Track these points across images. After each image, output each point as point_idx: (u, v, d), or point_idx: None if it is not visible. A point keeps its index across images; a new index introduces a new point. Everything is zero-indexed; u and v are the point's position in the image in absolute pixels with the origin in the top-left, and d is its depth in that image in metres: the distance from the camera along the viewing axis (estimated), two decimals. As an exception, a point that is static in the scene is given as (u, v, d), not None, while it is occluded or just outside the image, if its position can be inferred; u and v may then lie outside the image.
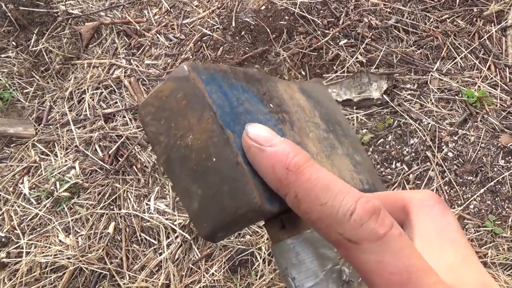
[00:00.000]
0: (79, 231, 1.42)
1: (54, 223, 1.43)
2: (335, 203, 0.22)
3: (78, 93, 1.72)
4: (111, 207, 1.46)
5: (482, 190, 1.40)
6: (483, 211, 1.38)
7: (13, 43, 1.85)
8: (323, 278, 0.23)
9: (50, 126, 1.66)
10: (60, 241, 1.39)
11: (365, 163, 0.38)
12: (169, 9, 1.91)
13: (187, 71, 0.25)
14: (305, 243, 0.25)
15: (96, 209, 1.45)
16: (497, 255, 1.29)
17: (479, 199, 1.40)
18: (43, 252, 1.37)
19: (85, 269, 1.34)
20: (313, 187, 0.23)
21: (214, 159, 0.24)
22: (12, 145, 1.64)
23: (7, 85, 1.76)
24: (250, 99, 0.28)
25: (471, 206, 1.39)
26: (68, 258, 1.35)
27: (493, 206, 1.38)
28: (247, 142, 0.24)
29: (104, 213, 1.44)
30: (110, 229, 1.40)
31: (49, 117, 1.70)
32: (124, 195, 1.47)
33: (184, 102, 0.25)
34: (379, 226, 0.22)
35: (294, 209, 0.24)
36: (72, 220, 1.43)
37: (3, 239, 1.42)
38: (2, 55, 1.84)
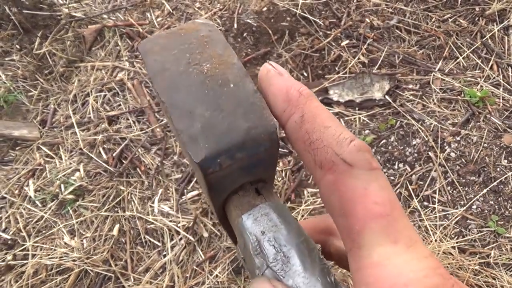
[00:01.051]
0: (84, 233, 1.43)
1: (59, 225, 1.44)
2: (338, 129, 0.24)
3: (82, 95, 1.73)
4: (116, 209, 1.47)
5: (485, 191, 1.40)
6: (486, 211, 1.38)
7: (17, 46, 1.87)
8: (300, 242, 0.23)
9: (55, 129, 1.68)
10: (65, 243, 1.41)
11: None
12: (171, 11, 1.92)
13: (212, 23, 0.28)
14: (282, 208, 0.25)
15: (101, 212, 1.46)
16: (500, 256, 1.29)
17: (482, 199, 1.40)
18: (48, 255, 1.39)
19: (90, 271, 1.36)
20: (320, 112, 0.24)
21: (232, 85, 0.25)
22: (17, 148, 1.66)
23: (11, 88, 1.77)
24: None
25: (474, 207, 1.39)
26: (74, 260, 1.37)
27: (496, 206, 1.38)
28: (266, 67, 0.26)
29: (108, 215, 1.45)
30: (115, 232, 1.42)
31: (53, 119, 1.72)
32: (128, 198, 1.49)
33: (206, 40, 0.26)
34: (373, 160, 0.23)
35: (293, 131, 0.25)
36: (77, 222, 1.45)
37: (9, 242, 1.43)
38: (6, 58, 1.85)
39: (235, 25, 1.78)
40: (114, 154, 1.57)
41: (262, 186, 0.27)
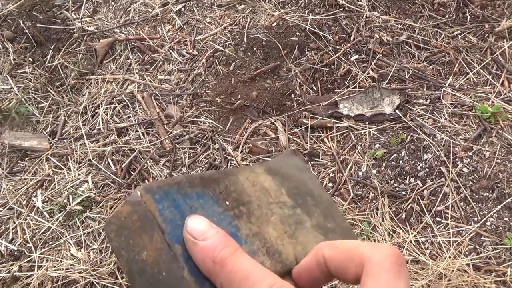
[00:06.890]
0: (90, 245, 1.42)
1: (66, 236, 1.43)
2: (259, 276, 0.26)
3: (92, 107, 1.75)
4: (123, 221, 1.46)
5: (499, 207, 1.38)
6: (501, 228, 1.35)
7: (30, 59, 1.89)
8: None
9: (64, 140, 1.68)
10: (71, 255, 1.39)
11: (339, 228, 0.40)
12: (182, 25, 1.94)
13: (139, 196, 0.29)
14: None
15: (108, 223, 1.44)
16: (517, 274, 1.26)
17: (496, 215, 1.37)
18: (54, 266, 1.37)
19: (96, 284, 1.33)
20: (234, 277, 0.27)
21: (164, 274, 0.28)
22: (26, 159, 1.66)
23: (23, 99, 1.79)
24: (204, 204, 0.31)
25: (488, 223, 1.36)
26: (80, 272, 1.34)
27: (511, 223, 1.35)
28: (185, 236, 0.28)
29: (116, 227, 1.44)
30: (122, 243, 1.40)
31: (63, 131, 1.72)
32: (136, 209, 1.47)
33: (138, 223, 0.28)
34: None
35: None
36: (84, 233, 1.43)
37: (15, 253, 1.42)
38: (19, 71, 1.88)
39: (245, 40, 1.80)
40: (122, 166, 1.57)
41: None
